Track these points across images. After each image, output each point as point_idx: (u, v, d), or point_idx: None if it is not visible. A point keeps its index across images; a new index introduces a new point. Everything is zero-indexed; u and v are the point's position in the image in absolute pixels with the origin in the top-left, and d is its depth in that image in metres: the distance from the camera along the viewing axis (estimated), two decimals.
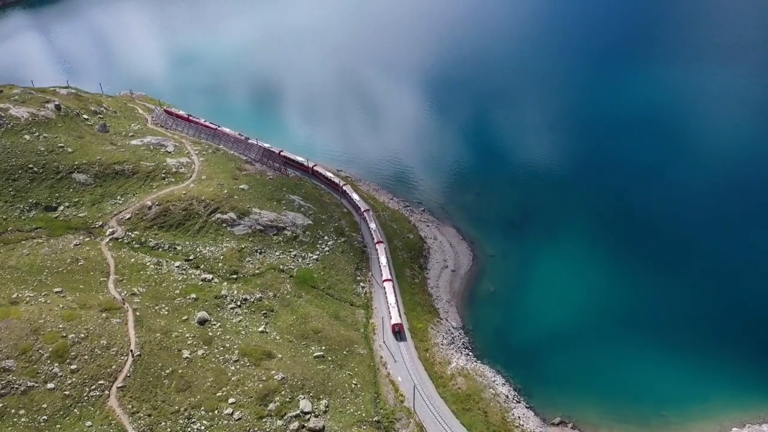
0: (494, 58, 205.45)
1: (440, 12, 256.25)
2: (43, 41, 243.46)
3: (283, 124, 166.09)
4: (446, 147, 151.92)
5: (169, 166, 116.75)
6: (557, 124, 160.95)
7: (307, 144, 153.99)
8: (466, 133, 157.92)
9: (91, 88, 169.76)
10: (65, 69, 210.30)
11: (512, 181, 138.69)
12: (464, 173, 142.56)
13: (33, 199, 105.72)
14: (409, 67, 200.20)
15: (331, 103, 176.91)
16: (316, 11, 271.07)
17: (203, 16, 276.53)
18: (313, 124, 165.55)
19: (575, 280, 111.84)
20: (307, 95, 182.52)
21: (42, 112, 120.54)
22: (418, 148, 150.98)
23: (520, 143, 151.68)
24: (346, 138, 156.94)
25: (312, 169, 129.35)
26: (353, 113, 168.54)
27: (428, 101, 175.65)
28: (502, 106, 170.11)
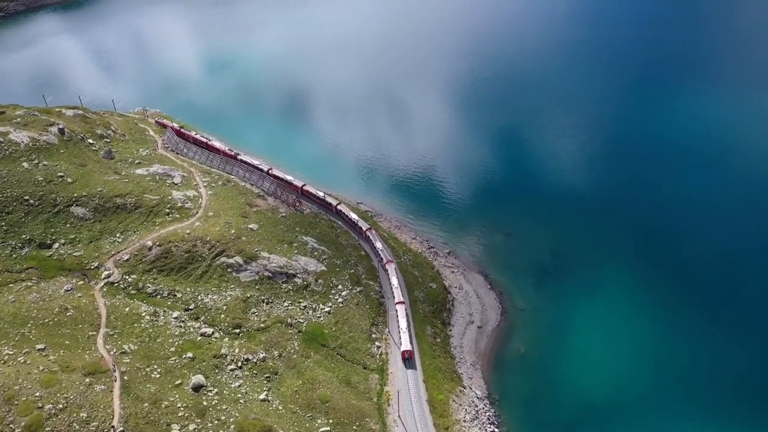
0: (528, 76, 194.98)
1: (473, 27, 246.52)
2: (63, 50, 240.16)
3: (303, 147, 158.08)
4: (474, 179, 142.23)
5: (175, 200, 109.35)
6: (597, 152, 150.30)
7: (327, 172, 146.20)
8: (495, 163, 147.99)
9: (105, 102, 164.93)
10: (82, 79, 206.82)
11: (546, 220, 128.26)
12: (494, 210, 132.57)
13: (27, 234, 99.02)
14: (438, 85, 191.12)
15: (355, 125, 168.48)
16: (346, 19, 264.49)
17: (232, 24, 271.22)
18: (335, 149, 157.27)
19: (618, 340, 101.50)
20: (331, 116, 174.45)
21: (44, 136, 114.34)
22: (443, 180, 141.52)
23: (554, 175, 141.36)
24: (369, 166, 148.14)
25: (336, 208, 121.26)
26: (378, 139, 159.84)
27: (456, 124, 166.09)
28: (536, 132, 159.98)
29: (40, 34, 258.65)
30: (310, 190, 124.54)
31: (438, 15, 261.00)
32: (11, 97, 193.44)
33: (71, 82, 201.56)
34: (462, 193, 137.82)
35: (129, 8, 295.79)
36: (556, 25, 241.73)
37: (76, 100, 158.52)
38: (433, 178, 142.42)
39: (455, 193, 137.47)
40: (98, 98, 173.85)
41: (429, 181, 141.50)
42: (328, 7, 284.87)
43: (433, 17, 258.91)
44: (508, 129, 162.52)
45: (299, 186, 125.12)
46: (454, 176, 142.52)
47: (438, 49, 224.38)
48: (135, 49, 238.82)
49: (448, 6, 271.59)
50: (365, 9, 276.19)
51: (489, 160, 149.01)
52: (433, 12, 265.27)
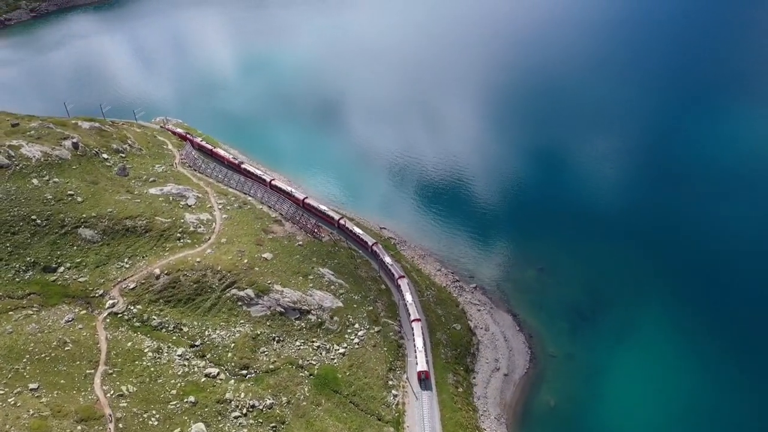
0: (565, 90, 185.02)
1: (508, 35, 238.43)
2: (89, 53, 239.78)
3: (329, 163, 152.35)
4: (505, 204, 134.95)
5: (187, 223, 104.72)
6: (640, 178, 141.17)
7: (352, 192, 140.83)
8: (528, 187, 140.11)
9: (126, 110, 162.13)
10: (106, 84, 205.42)
11: (582, 253, 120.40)
12: (526, 240, 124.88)
13: (32, 257, 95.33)
14: (469, 98, 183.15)
15: (383, 142, 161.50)
16: (378, 25, 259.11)
17: (262, 28, 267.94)
18: (361, 168, 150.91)
19: (660, 395, 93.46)
20: (359, 130, 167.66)
21: (56, 151, 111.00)
22: (473, 206, 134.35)
23: (592, 203, 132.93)
24: (394, 188, 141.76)
25: (338, 222, 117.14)
26: (405, 158, 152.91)
27: (488, 143, 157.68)
28: (573, 153, 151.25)
29: (70, 35, 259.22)
30: (311, 204, 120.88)
31: (474, 22, 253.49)
32: (35, 100, 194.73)
33: (95, 88, 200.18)
34: (492, 219, 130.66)
35: (158, 11, 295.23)
36: (596, 32, 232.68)
37: (97, 108, 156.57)
38: (462, 202, 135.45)
39: (485, 220, 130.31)
40: (120, 106, 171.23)
41: (457, 206, 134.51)
42: (361, 12, 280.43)
43: (468, 24, 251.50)
44: (542, 150, 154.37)
45: (300, 199, 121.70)
46: (484, 201, 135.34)
47: (471, 58, 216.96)
48: (161, 54, 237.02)
49: (484, 14, 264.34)
50: (399, 15, 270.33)
51: (522, 185, 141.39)
52: (468, 19, 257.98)
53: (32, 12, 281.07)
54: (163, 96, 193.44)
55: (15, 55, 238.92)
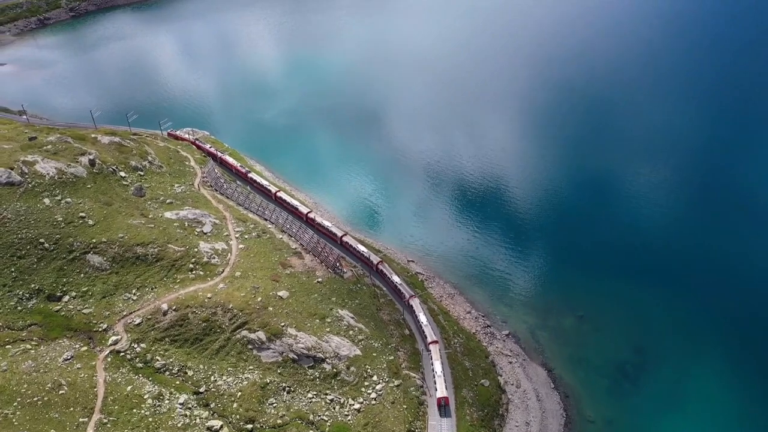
0: (618, 109, 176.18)
1: (557, 46, 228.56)
2: (123, 56, 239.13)
3: (359, 185, 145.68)
4: (544, 241, 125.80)
5: (201, 253, 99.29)
6: (699, 216, 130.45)
7: (381, 219, 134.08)
8: (571, 223, 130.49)
9: (153, 120, 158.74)
10: (136, 89, 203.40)
11: (628, 300, 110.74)
12: (565, 282, 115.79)
13: (36, 284, 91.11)
14: (512, 117, 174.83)
15: (416, 164, 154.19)
16: (422, 30, 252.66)
17: (302, 33, 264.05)
18: (393, 193, 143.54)
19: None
20: (394, 149, 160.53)
21: (72, 168, 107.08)
22: (508, 242, 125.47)
23: (641, 243, 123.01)
24: (426, 217, 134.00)
25: (341, 239, 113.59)
26: (439, 183, 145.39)
27: (528, 170, 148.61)
28: (623, 185, 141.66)
29: (105, 37, 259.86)
30: (315, 219, 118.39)
31: (517, 32, 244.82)
32: (67, 103, 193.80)
33: (125, 93, 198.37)
34: (529, 256, 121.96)
35: (195, 13, 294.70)
36: (654, 43, 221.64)
37: (125, 114, 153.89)
38: (497, 236, 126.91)
39: (521, 257, 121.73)
40: (148, 113, 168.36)
41: (492, 239, 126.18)
42: (400, 18, 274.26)
43: (512, 34, 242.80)
44: (586, 179, 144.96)
45: (304, 213, 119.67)
46: (521, 236, 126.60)
47: (513, 71, 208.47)
48: (194, 59, 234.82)
49: (529, 23, 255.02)
50: (439, 22, 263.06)
51: (563, 219, 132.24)
52: (511, 29, 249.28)
53: (71, 11, 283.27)
54: (192, 104, 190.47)
55: (51, 56, 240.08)
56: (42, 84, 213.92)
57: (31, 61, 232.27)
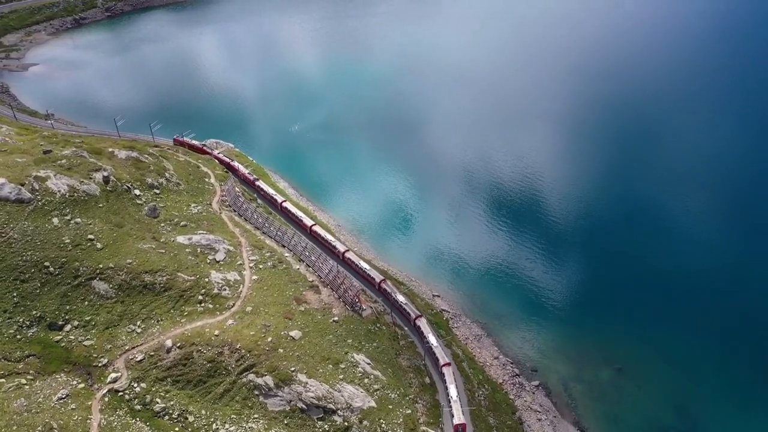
0: (667, 135, 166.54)
1: (606, 60, 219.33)
2: (154, 58, 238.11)
3: (386, 208, 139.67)
4: (581, 282, 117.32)
5: (211, 283, 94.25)
6: (759, 256, 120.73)
7: (407, 247, 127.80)
8: (610, 263, 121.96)
9: (178, 130, 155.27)
10: (163, 96, 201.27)
11: (674, 354, 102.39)
12: (603, 329, 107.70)
13: (38, 311, 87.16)
14: (553, 140, 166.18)
15: (451, 184, 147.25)
16: (465, 39, 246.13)
17: (339, 38, 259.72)
18: (420, 217, 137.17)
19: None
20: (429, 168, 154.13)
21: (84, 185, 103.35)
22: (542, 279, 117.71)
23: (693, 286, 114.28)
24: (455, 247, 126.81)
25: (343, 255, 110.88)
26: (471, 211, 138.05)
27: (567, 201, 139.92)
28: (673, 216, 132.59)
29: (138, 39, 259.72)
30: (318, 232, 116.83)
31: (569, 43, 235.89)
32: (95, 107, 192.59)
33: (152, 99, 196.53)
34: (564, 298, 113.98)
35: (231, 16, 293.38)
36: (711, 59, 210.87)
37: (150, 122, 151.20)
38: (530, 273, 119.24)
39: (555, 298, 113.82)
40: (172, 123, 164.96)
41: (524, 277, 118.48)
42: (445, 25, 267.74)
43: (563, 45, 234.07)
44: (632, 210, 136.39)
45: (309, 225, 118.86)
46: (555, 275, 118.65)
47: (561, 85, 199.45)
48: (226, 64, 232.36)
49: (582, 35, 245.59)
50: (486, 32, 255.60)
51: (602, 256, 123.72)
52: (563, 40, 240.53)
53: (107, 11, 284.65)
54: (219, 114, 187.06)
55: (83, 57, 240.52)
56: (72, 86, 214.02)
57: (64, 62, 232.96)
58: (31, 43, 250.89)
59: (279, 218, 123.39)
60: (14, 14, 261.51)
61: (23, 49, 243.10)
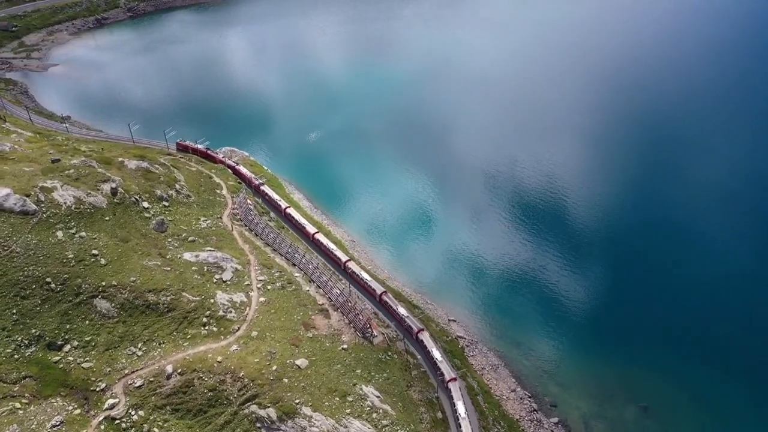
0: (705, 147, 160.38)
1: (644, 70, 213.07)
2: (174, 60, 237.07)
3: (405, 223, 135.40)
4: (606, 311, 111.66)
5: (217, 305, 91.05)
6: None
7: (425, 265, 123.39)
8: (638, 291, 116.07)
9: (193, 136, 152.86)
10: (181, 100, 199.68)
11: (706, 393, 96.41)
12: (629, 363, 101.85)
13: (37, 329, 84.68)
14: (581, 151, 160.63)
15: (472, 205, 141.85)
16: (491, 44, 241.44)
17: (364, 43, 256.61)
18: (442, 232, 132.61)
19: None
20: (448, 184, 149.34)
21: (91, 197, 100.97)
22: (565, 306, 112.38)
23: (728, 319, 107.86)
24: (474, 269, 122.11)
25: (344, 265, 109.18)
26: (493, 232, 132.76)
27: (593, 224, 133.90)
28: (710, 242, 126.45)
29: (159, 40, 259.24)
30: (320, 240, 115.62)
31: (601, 53, 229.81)
32: (112, 111, 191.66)
33: (169, 103, 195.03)
34: (587, 328, 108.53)
35: (254, 18, 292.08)
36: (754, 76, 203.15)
37: (165, 128, 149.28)
38: (552, 300, 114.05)
39: (578, 328, 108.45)
40: (187, 129, 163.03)
41: (546, 303, 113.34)
42: (472, 29, 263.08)
43: (595, 54, 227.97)
44: (664, 233, 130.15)
45: (311, 233, 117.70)
46: (579, 302, 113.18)
47: (590, 98, 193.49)
48: (245, 68, 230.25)
49: (616, 44, 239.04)
50: (515, 37, 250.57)
51: (629, 285, 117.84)
52: (595, 49, 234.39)
53: (129, 12, 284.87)
54: (235, 121, 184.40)
55: (103, 58, 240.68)
56: (90, 88, 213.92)
57: (83, 63, 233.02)
58: (52, 43, 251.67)
59: (291, 233, 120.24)
60: (37, 13, 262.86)
61: (44, 48, 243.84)
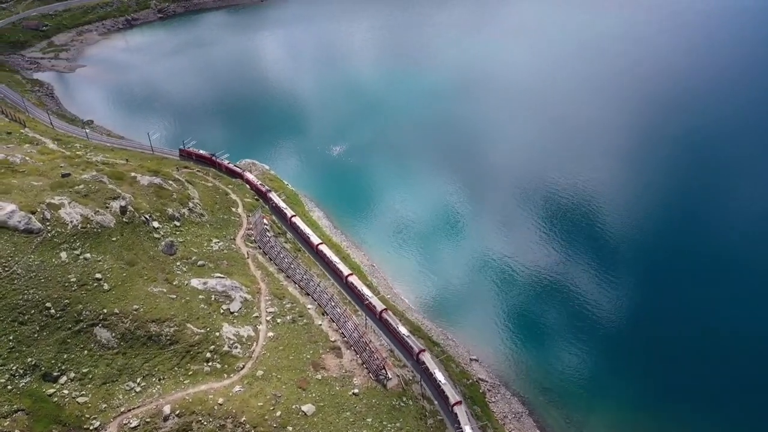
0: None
1: (692, 83, 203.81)
2: (201, 64, 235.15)
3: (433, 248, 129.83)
4: (646, 361, 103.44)
5: (222, 339, 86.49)
6: None
7: (448, 298, 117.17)
8: (679, 332, 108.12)
9: (214, 146, 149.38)
10: (206, 107, 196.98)
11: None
12: (674, 424, 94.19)
13: (34, 358, 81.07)
14: (626, 177, 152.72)
15: (506, 231, 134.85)
16: (528, 51, 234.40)
17: (396, 49, 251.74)
18: (470, 263, 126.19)
19: None
20: (482, 205, 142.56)
21: (99, 216, 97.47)
22: (602, 352, 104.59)
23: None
24: (504, 302, 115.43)
25: (346, 279, 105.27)
26: (528, 262, 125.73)
27: (636, 261, 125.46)
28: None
29: (187, 43, 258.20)
30: (325, 252, 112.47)
31: (650, 67, 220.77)
32: (134, 116, 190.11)
33: (192, 111, 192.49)
34: (625, 376, 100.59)
35: (283, 21, 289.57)
36: None
37: (185, 137, 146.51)
38: (584, 339, 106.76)
39: (614, 376, 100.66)
40: (207, 139, 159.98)
41: (577, 342, 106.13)
42: (511, 37, 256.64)
43: (644, 68, 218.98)
44: (719, 269, 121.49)
45: (315, 244, 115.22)
46: (613, 345, 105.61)
47: (634, 116, 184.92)
48: (272, 74, 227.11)
49: (664, 61, 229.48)
50: (558, 47, 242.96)
51: (678, 325, 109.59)
52: (642, 62, 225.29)
53: (159, 13, 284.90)
54: (259, 131, 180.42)
55: (131, 60, 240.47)
56: (115, 90, 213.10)
57: (110, 65, 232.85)
58: (81, 43, 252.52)
59: (307, 256, 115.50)
60: (68, 13, 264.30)
61: (73, 49, 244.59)
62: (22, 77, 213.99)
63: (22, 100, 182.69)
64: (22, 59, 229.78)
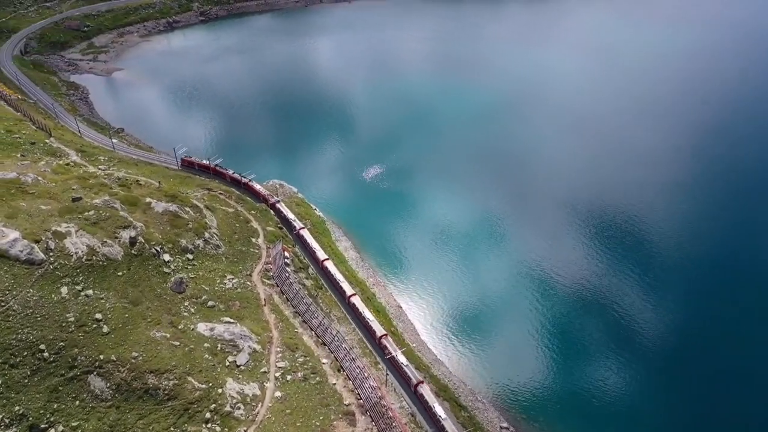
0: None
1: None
2: (238, 72, 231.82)
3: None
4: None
5: (225, 397, 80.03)
6: None
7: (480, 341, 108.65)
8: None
9: (244, 164, 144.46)
10: (240, 117, 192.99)
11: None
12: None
13: (21, 406, 76.09)
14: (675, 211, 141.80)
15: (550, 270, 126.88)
16: (591, 73, 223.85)
17: (446, 61, 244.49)
18: (507, 304, 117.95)
19: None
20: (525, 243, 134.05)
21: (107, 247, 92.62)
22: (646, 412, 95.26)
23: None
24: (540, 363, 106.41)
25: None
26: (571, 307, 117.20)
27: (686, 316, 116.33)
28: None
29: (227, 48, 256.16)
30: (329, 269, 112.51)
31: (717, 90, 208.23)
32: (163, 125, 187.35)
33: (220, 124, 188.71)
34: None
35: (325, 27, 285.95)
36: None
37: (213, 152, 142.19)
38: (625, 410, 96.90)
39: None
40: (236, 157, 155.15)
41: (624, 414, 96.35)
42: (571, 52, 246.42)
43: (709, 92, 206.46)
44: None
45: (321, 260, 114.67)
46: (663, 413, 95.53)
47: (693, 143, 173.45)
48: (310, 85, 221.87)
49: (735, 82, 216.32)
50: (621, 63, 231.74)
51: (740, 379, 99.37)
52: (711, 83, 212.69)
53: (201, 16, 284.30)
54: (290, 149, 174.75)
55: (169, 64, 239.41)
56: (150, 96, 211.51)
57: (148, 69, 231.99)
58: (121, 45, 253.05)
59: (329, 295, 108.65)
60: (110, 13, 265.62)
61: (112, 51, 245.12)
62: (59, 79, 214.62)
63: (53, 104, 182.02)
64: (61, 60, 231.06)
